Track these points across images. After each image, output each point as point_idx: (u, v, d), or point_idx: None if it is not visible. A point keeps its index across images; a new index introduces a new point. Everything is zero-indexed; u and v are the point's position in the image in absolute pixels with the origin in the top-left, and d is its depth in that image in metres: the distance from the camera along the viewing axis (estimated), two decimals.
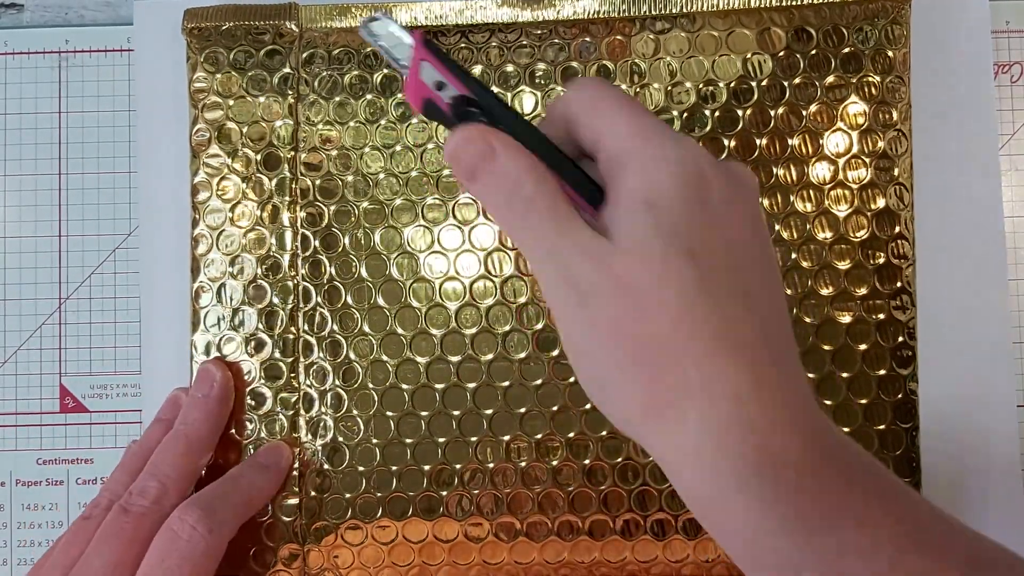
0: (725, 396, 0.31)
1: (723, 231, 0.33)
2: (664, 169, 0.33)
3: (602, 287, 0.32)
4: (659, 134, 0.33)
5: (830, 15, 0.46)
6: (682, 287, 0.31)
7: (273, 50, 0.48)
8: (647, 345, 0.32)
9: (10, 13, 0.53)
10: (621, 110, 0.34)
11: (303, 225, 0.47)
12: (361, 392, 0.47)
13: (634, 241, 0.32)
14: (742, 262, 0.33)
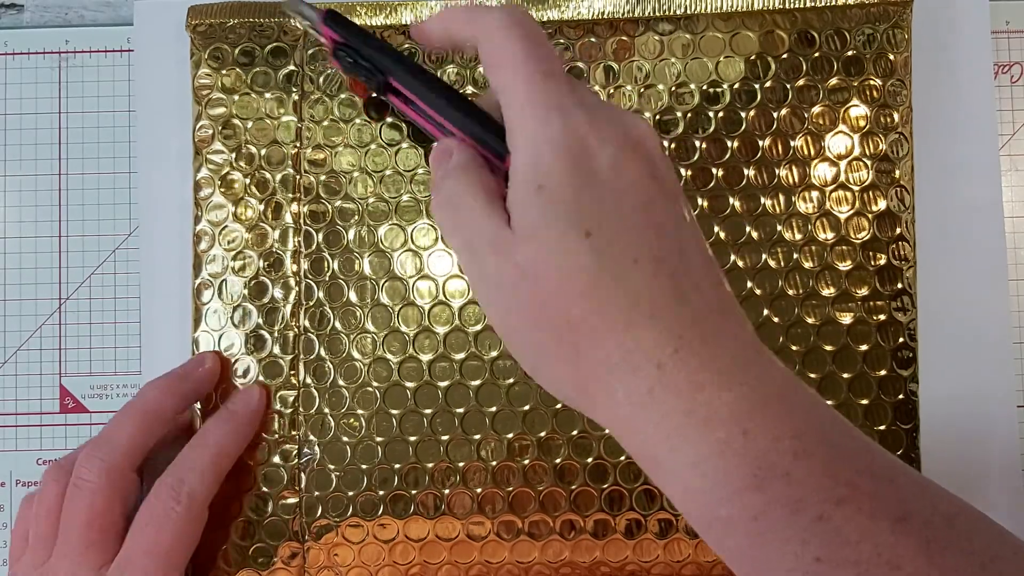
0: (647, 365, 0.32)
1: (616, 201, 0.33)
2: (548, 148, 0.33)
3: (509, 279, 0.33)
4: (543, 105, 0.34)
5: (832, 18, 0.47)
6: (583, 269, 0.32)
7: (277, 47, 0.48)
8: (563, 329, 0.33)
9: (10, 13, 0.53)
10: (518, 68, 0.34)
11: (306, 222, 0.47)
12: (363, 389, 0.47)
13: (529, 230, 0.33)
14: (641, 227, 0.33)
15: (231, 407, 0.47)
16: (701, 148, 0.47)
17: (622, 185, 0.33)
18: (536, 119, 0.33)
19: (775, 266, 0.47)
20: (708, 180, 0.47)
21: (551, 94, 0.34)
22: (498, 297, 0.34)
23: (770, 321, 0.46)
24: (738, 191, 0.47)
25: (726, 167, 0.47)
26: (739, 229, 0.47)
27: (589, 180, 0.33)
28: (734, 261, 0.47)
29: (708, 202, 0.47)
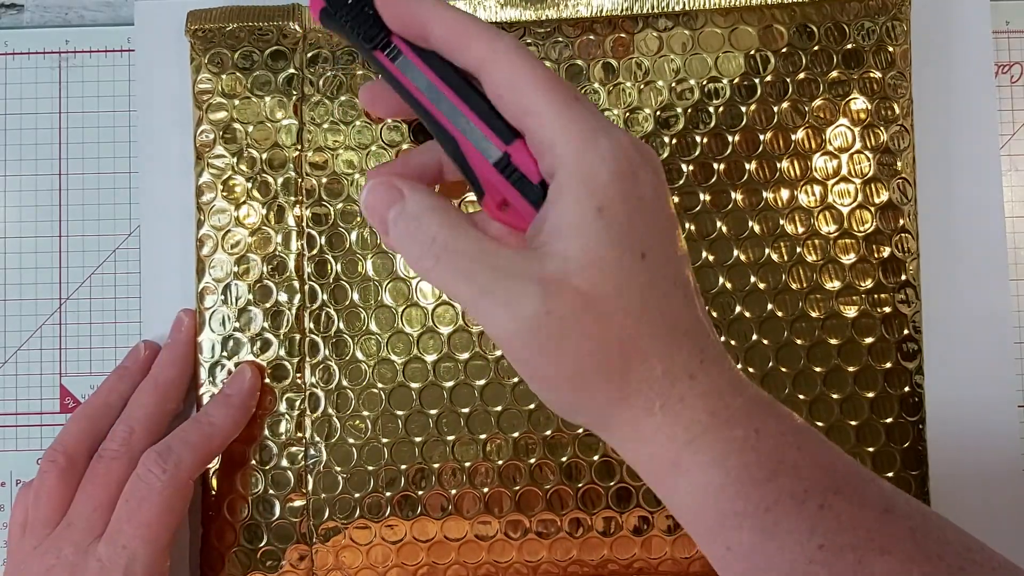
0: (682, 376, 0.34)
1: (657, 223, 0.35)
2: (604, 171, 0.34)
3: (560, 307, 0.33)
4: (592, 128, 0.34)
5: (831, 12, 0.47)
6: (640, 288, 0.34)
7: (277, 51, 0.48)
8: (615, 347, 0.34)
9: (10, 13, 0.53)
10: (548, 93, 0.34)
11: (309, 224, 0.48)
12: (368, 391, 0.47)
13: (591, 252, 0.33)
14: (672, 251, 0.35)
15: (226, 391, 0.48)
16: (702, 143, 0.47)
17: (658, 209, 0.35)
18: (585, 140, 0.34)
19: (778, 260, 0.47)
20: (710, 175, 0.47)
21: (588, 116, 0.34)
22: (537, 333, 0.33)
23: (774, 316, 0.47)
24: (740, 185, 0.47)
25: (727, 162, 0.47)
26: (742, 223, 0.47)
27: (639, 202, 0.34)
28: (737, 256, 0.47)
29: (710, 197, 0.47)
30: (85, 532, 0.45)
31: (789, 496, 0.33)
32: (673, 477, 0.35)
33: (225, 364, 0.48)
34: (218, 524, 0.48)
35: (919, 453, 0.47)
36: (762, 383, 0.47)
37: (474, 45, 0.35)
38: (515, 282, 0.33)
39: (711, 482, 0.34)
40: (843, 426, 0.47)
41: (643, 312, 0.34)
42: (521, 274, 0.33)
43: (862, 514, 0.33)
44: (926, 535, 0.33)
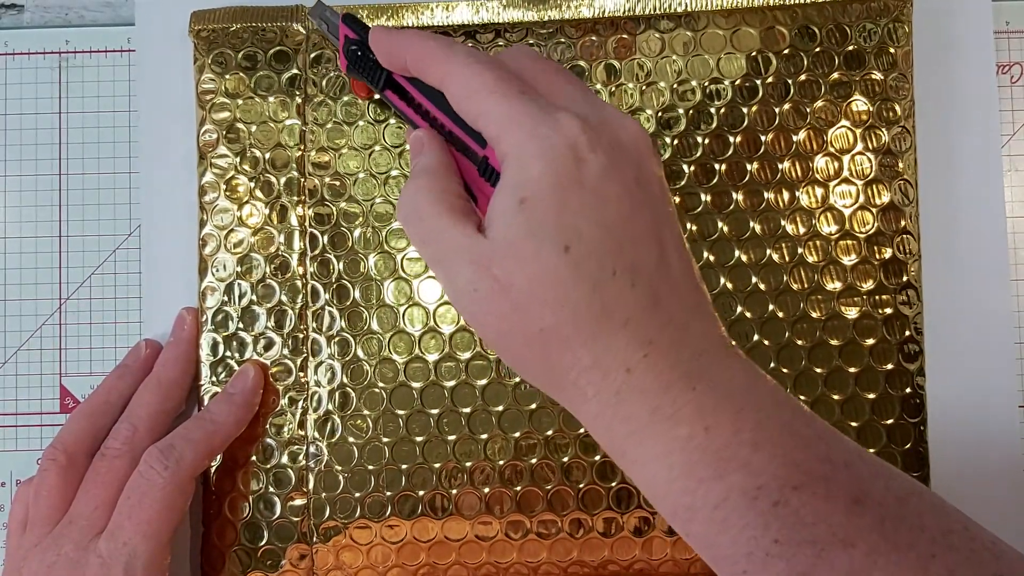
0: (616, 369, 0.34)
1: (600, 211, 0.35)
2: (535, 159, 0.35)
3: (483, 288, 0.35)
4: (530, 117, 0.35)
5: (833, 13, 0.48)
6: (559, 280, 0.34)
7: (280, 52, 0.49)
8: (534, 335, 0.35)
9: (10, 13, 0.54)
10: (493, 93, 0.36)
11: (311, 224, 0.48)
12: (370, 390, 0.48)
13: (508, 243, 0.35)
14: (623, 238, 0.35)
15: (229, 389, 0.49)
16: (704, 144, 0.48)
17: (608, 195, 0.35)
18: (523, 132, 0.35)
19: (779, 261, 0.48)
20: (711, 176, 0.48)
21: (530, 107, 0.36)
22: (472, 305, 0.36)
23: (775, 316, 0.48)
24: (741, 186, 0.48)
25: (729, 163, 0.48)
26: (743, 224, 0.48)
27: (575, 191, 0.34)
28: (738, 256, 0.47)
29: (711, 198, 0.48)
30: (86, 529, 0.46)
31: (740, 494, 0.33)
32: (624, 463, 0.36)
33: (228, 363, 0.49)
34: (219, 523, 0.49)
35: (920, 454, 0.48)
36: None
37: (434, 65, 0.38)
38: (455, 258, 0.36)
39: (656, 476, 0.34)
40: (844, 427, 0.48)
41: (561, 303, 0.34)
42: (460, 252, 0.36)
43: (827, 507, 0.33)
44: (899, 523, 0.33)
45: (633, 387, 0.34)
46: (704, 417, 0.34)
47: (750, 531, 0.33)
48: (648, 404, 0.34)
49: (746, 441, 0.34)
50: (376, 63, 0.43)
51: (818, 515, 0.33)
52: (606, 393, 0.35)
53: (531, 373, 0.37)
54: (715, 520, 0.33)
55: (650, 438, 0.34)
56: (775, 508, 0.33)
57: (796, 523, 0.32)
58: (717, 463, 0.33)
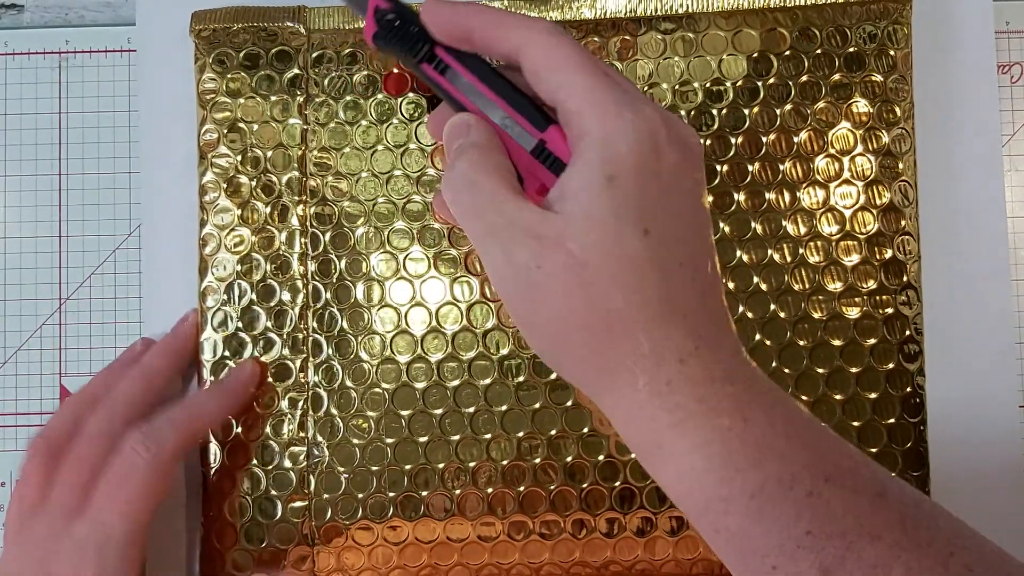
0: (671, 359, 0.35)
1: (672, 203, 0.36)
2: (623, 141, 0.35)
3: (549, 265, 0.35)
4: (617, 101, 0.36)
5: (833, 15, 0.48)
6: (636, 263, 0.35)
7: (282, 51, 0.50)
8: (598, 316, 0.35)
9: (10, 13, 0.54)
10: (579, 68, 0.37)
11: (312, 224, 0.48)
12: (372, 391, 0.48)
13: (591, 219, 0.35)
14: (686, 232, 0.36)
15: (222, 379, 0.50)
16: (705, 146, 0.48)
17: (681, 187, 0.36)
18: (608, 112, 0.36)
19: (780, 261, 0.48)
20: (712, 177, 0.48)
21: (617, 91, 0.36)
22: (528, 284, 0.36)
23: (776, 317, 0.48)
24: (743, 187, 0.48)
25: (730, 164, 0.48)
26: (744, 225, 0.48)
27: (656, 178, 0.35)
28: (740, 257, 0.48)
29: (713, 199, 0.48)
30: (60, 514, 0.46)
31: (776, 483, 0.34)
32: (659, 457, 0.36)
33: (227, 363, 0.49)
34: (219, 525, 0.49)
35: (920, 454, 0.48)
36: None
37: (512, 34, 0.38)
38: (516, 231, 0.36)
39: (694, 467, 0.35)
40: (846, 427, 0.48)
41: (635, 286, 0.35)
42: (523, 224, 0.36)
43: (854, 500, 0.34)
44: (917, 522, 0.34)
45: (684, 377, 0.35)
46: (742, 409, 0.35)
47: (784, 520, 0.34)
48: (696, 394, 0.35)
49: (780, 432, 0.35)
50: (417, 34, 0.42)
51: (847, 507, 0.34)
52: (658, 382, 0.35)
53: (579, 361, 0.37)
54: (751, 510, 0.34)
55: (693, 428, 0.35)
56: (808, 498, 0.34)
57: (827, 514, 0.34)
58: (755, 452, 0.34)
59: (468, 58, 0.41)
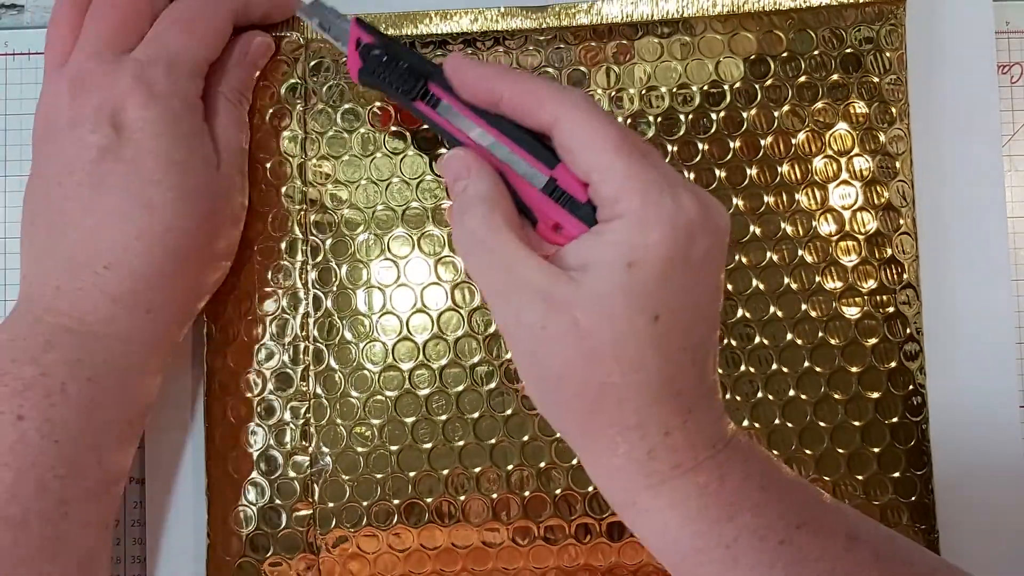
0: (656, 432, 0.36)
1: (694, 291, 0.37)
2: (657, 231, 0.35)
3: (555, 328, 0.36)
4: (657, 186, 0.36)
5: (829, 17, 0.48)
6: (640, 345, 0.36)
7: (279, 60, 0.49)
8: (594, 385, 0.36)
9: (10, 14, 0.55)
10: (618, 151, 0.36)
11: (312, 232, 0.48)
12: (374, 398, 0.48)
13: (604, 297, 0.36)
14: (698, 318, 0.37)
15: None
16: (704, 150, 0.48)
17: (703, 277, 0.37)
18: (645, 198, 0.35)
19: (779, 262, 0.48)
20: (711, 180, 0.48)
21: (655, 174, 0.36)
22: (535, 342, 0.37)
23: (776, 318, 0.48)
24: (741, 190, 0.48)
25: (729, 167, 0.48)
26: (743, 227, 0.49)
27: (680, 268, 0.36)
28: (739, 259, 0.48)
29: None
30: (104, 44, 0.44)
31: (750, 533, 0.36)
32: (633, 512, 0.38)
33: None
34: (224, 535, 0.49)
35: (923, 453, 0.48)
36: (765, 385, 0.48)
37: (547, 106, 0.38)
38: (526, 292, 0.36)
39: (669, 523, 0.37)
40: (848, 427, 0.48)
41: (635, 366, 0.36)
42: (534, 286, 0.36)
43: (826, 544, 0.35)
44: (891, 558, 0.36)
45: (666, 448, 0.36)
46: (720, 467, 0.37)
47: (758, 569, 0.35)
48: (673, 461, 0.36)
49: (754, 485, 0.37)
50: (409, 71, 0.43)
51: (820, 551, 0.35)
52: (638, 451, 0.37)
53: (566, 419, 0.38)
54: (726, 560, 0.36)
55: (669, 490, 0.37)
56: (781, 546, 0.35)
57: (800, 559, 0.35)
58: (729, 506, 0.36)
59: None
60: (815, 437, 0.48)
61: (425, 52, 0.49)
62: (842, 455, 0.48)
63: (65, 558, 0.41)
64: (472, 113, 0.41)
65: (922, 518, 0.48)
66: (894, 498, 0.48)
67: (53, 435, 0.41)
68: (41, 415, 0.41)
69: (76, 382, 0.42)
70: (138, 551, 0.51)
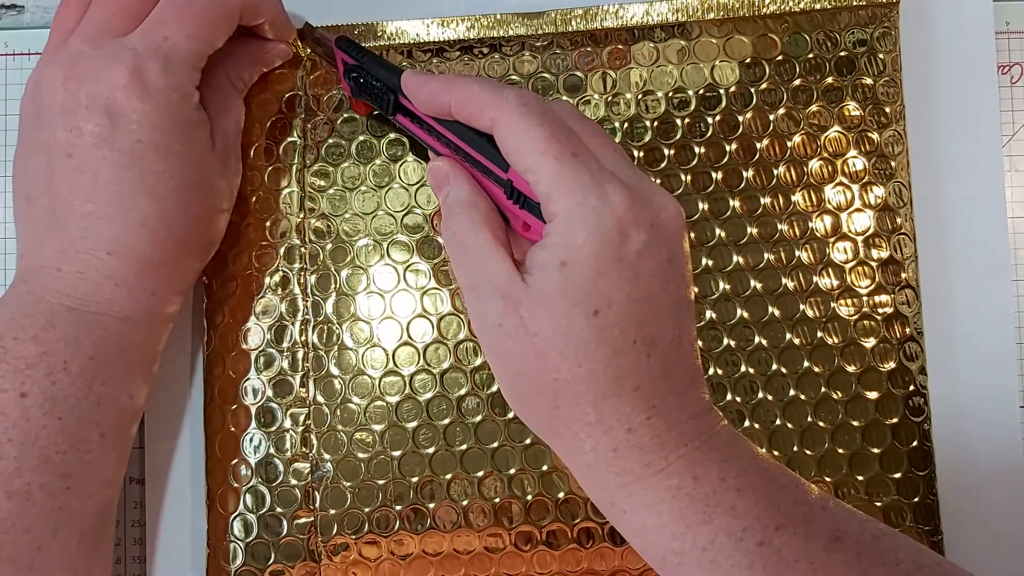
0: (619, 428, 0.37)
1: (633, 286, 0.37)
2: (582, 228, 0.37)
3: (510, 326, 0.38)
4: (581, 184, 0.37)
5: (823, 21, 0.49)
6: (581, 341, 0.37)
7: (280, 75, 0.50)
8: (548, 383, 0.37)
9: (10, 14, 0.56)
10: (547, 152, 0.37)
11: (311, 239, 0.48)
12: (375, 404, 0.48)
13: (542, 295, 0.37)
14: (649, 312, 0.38)
15: None
16: (700, 153, 0.48)
17: (642, 271, 0.37)
18: (571, 199, 0.37)
19: (776, 264, 0.49)
20: (708, 183, 0.49)
21: (581, 174, 0.37)
22: (496, 340, 0.38)
23: (775, 319, 0.49)
24: (737, 192, 0.48)
25: (725, 170, 0.49)
26: (740, 229, 0.49)
27: (614, 264, 0.37)
28: (736, 261, 0.49)
29: (708, 205, 0.49)
30: (103, 30, 0.44)
31: (726, 536, 0.36)
32: (613, 512, 0.39)
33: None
34: (224, 544, 0.48)
35: (926, 451, 0.48)
36: (765, 386, 0.48)
37: (485, 111, 0.39)
38: (490, 288, 0.38)
39: (646, 524, 0.38)
40: (849, 427, 0.49)
41: (580, 361, 0.37)
42: (496, 283, 0.38)
43: (807, 546, 0.36)
44: (875, 559, 0.36)
45: (631, 445, 0.37)
46: (693, 468, 0.37)
47: (737, 571, 0.36)
48: (642, 459, 0.37)
49: (731, 487, 0.37)
50: (382, 88, 0.45)
51: (799, 553, 0.36)
52: (604, 448, 0.38)
53: (534, 417, 0.40)
54: (704, 562, 0.36)
55: (641, 490, 0.37)
56: (759, 548, 0.36)
57: (779, 562, 0.36)
58: (705, 508, 0.37)
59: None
60: (816, 438, 0.49)
61: (422, 59, 0.50)
62: (843, 456, 0.49)
63: (66, 532, 0.42)
64: (436, 123, 0.43)
65: (926, 519, 0.48)
66: (897, 499, 0.48)
67: (55, 412, 0.42)
68: (43, 392, 0.42)
69: (77, 360, 0.43)
70: (138, 551, 0.52)
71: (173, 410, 0.51)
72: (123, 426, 0.45)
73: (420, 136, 0.45)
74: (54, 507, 0.42)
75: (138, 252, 0.43)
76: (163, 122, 0.43)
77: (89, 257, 0.43)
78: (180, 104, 0.44)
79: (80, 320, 0.43)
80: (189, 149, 0.44)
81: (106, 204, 0.43)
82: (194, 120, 0.45)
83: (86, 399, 0.43)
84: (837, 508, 0.39)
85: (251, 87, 0.50)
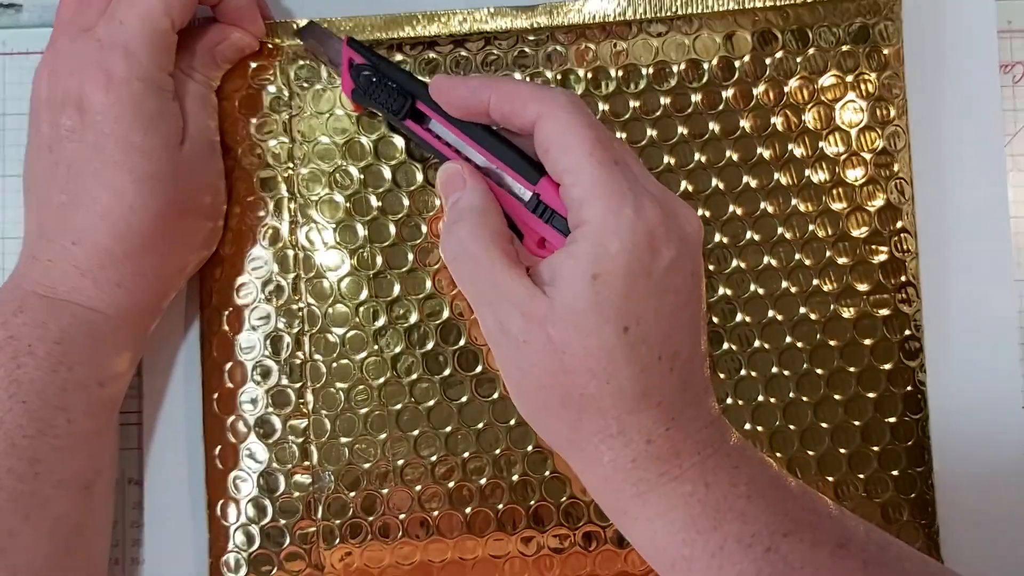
0: (639, 440, 0.38)
1: (660, 301, 0.38)
2: (616, 241, 0.37)
3: (534, 341, 0.38)
4: (620, 196, 0.37)
5: (825, 14, 0.48)
6: (612, 357, 0.37)
7: (261, 65, 0.48)
8: (574, 397, 0.38)
9: (9, 13, 0.56)
10: (589, 155, 0.37)
11: (304, 246, 0.47)
12: (375, 413, 0.47)
13: (572, 311, 0.37)
14: (673, 327, 0.38)
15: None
16: (699, 159, 0.48)
17: (669, 286, 0.37)
18: (607, 207, 0.37)
19: (776, 264, 0.49)
20: (707, 186, 0.50)
21: (621, 183, 0.37)
22: (519, 354, 0.38)
23: (775, 320, 0.49)
24: (737, 196, 0.49)
25: (724, 173, 0.48)
26: (740, 231, 0.49)
27: (644, 279, 0.37)
28: (736, 264, 0.49)
29: (709, 211, 0.49)
30: (76, 23, 0.45)
31: (735, 542, 0.37)
32: (625, 521, 0.40)
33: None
34: (226, 554, 0.48)
35: (924, 450, 0.49)
36: (766, 388, 0.49)
37: (530, 105, 0.39)
38: (507, 306, 0.38)
39: (658, 531, 0.38)
40: (848, 426, 0.50)
41: (609, 377, 0.37)
42: (515, 300, 0.38)
43: (813, 552, 0.37)
44: (880, 567, 0.37)
45: (650, 456, 0.38)
46: (705, 475, 0.38)
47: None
48: (659, 469, 0.38)
49: (741, 493, 0.38)
50: (398, 90, 0.44)
51: (806, 559, 0.36)
52: (623, 459, 0.38)
53: (553, 429, 0.40)
54: (712, 568, 0.37)
55: (656, 498, 0.38)
56: (767, 554, 0.36)
57: (785, 568, 0.36)
58: (715, 514, 0.37)
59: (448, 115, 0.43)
60: (816, 438, 0.50)
61: (415, 53, 0.49)
62: (843, 455, 0.50)
63: (38, 518, 0.43)
64: (458, 131, 0.43)
65: (922, 514, 0.49)
66: (894, 495, 0.49)
67: (20, 396, 0.42)
68: (8, 376, 0.42)
69: (43, 344, 0.43)
70: (137, 552, 0.52)
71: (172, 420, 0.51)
72: (93, 413, 0.45)
73: (430, 143, 0.44)
74: (23, 491, 0.42)
75: (100, 244, 0.44)
76: (126, 114, 0.43)
77: (56, 246, 0.44)
78: (145, 93, 0.44)
79: (49, 307, 0.44)
80: (149, 141, 0.44)
81: (75, 195, 0.44)
82: (163, 111, 0.45)
83: (52, 384, 0.43)
84: (844, 517, 0.39)
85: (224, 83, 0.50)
